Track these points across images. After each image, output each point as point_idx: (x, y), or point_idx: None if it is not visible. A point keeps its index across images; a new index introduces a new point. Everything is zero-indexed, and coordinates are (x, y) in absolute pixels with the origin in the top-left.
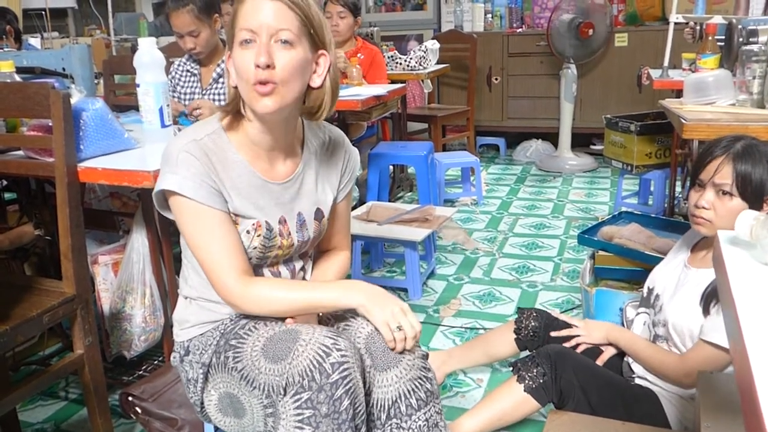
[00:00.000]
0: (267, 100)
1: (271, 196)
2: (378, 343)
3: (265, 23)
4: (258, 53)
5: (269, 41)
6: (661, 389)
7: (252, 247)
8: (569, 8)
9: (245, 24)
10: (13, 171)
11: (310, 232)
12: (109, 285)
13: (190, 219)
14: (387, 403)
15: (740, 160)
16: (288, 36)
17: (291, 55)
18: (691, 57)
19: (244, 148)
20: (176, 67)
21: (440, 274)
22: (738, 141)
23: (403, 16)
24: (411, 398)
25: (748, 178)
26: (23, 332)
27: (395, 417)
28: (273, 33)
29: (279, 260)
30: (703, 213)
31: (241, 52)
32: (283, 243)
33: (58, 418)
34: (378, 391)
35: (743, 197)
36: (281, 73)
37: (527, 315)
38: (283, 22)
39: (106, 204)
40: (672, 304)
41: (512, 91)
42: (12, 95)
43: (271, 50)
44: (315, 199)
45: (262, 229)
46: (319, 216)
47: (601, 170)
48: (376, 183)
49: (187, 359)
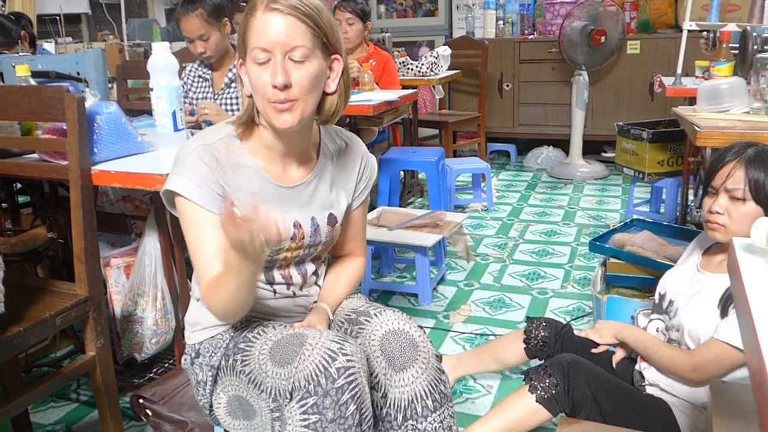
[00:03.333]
0: (287, 116)
1: (282, 200)
2: (393, 343)
3: (279, 42)
4: (274, 72)
5: (284, 59)
6: (673, 398)
7: None
8: (581, 15)
9: (258, 43)
10: (28, 174)
11: (322, 237)
12: (121, 288)
13: (189, 219)
14: (403, 403)
15: (752, 164)
16: (303, 52)
17: (307, 70)
18: (705, 65)
19: (257, 153)
20: (188, 73)
21: (450, 280)
22: (750, 147)
23: (414, 23)
24: (427, 399)
25: (760, 183)
26: (36, 334)
27: (411, 418)
28: (287, 50)
29: (289, 263)
30: (717, 218)
31: (257, 70)
32: (292, 245)
33: (70, 419)
34: (395, 392)
35: (756, 201)
36: (299, 90)
37: (536, 325)
38: (296, 38)
39: (119, 207)
40: (688, 310)
41: (523, 98)
42: (27, 99)
43: (287, 68)
44: (328, 204)
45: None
46: (332, 221)
47: (613, 178)
48: (386, 188)
49: (197, 362)
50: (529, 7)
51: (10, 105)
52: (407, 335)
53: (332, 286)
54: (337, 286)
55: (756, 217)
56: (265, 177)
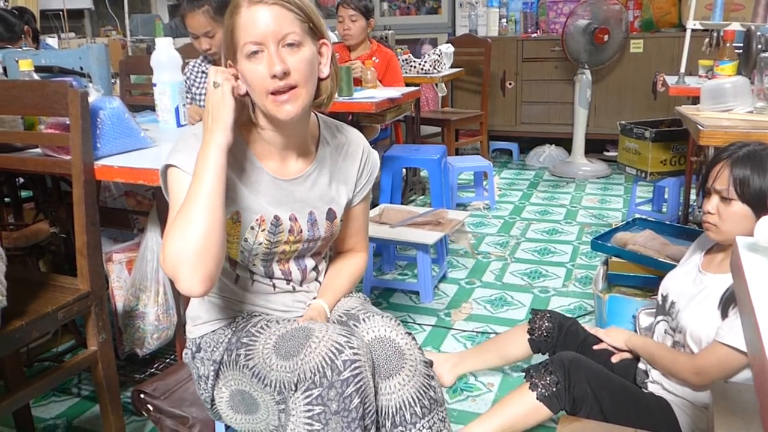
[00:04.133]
0: (288, 107)
1: (280, 192)
2: (379, 351)
3: (270, 31)
4: (271, 62)
5: (278, 48)
6: (674, 397)
7: (257, 243)
8: (585, 14)
9: (248, 37)
10: (31, 168)
11: (321, 232)
12: (122, 283)
13: (180, 190)
14: (391, 410)
15: (738, 164)
16: (294, 38)
17: (303, 55)
18: (709, 64)
19: (254, 146)
20: (191, 68)
21: (452, 278)
22: (744, 147)
23: (417, 20)
24: (415, 406)
25: (745, 182)
26: (38, 328)
27: (400, 425)
28: (280, 39)
29: (288, 257)
30: (709, 218)
31: (251, 66)
32: (290, 238)
33: (71, 414)
34: (382, 399)
35: (742, 200)
36: (298, 75)
37: (541, 316)
38: (286, 26)
39: (121, 202)
40: (688, 311)
41: (526, 96)
42: (31, 93)
43: (282, 56)
44: (328, 198)
45: (266, 224)
46: (331, 216)
47: (615, 177)
48: (388, 185)
49: (199, 356)
50: (533, 5)
51: (13, 99)
52: (393, 343)
53: (332, 282)
54: (337, 282)
55: (744, 216)
56: (262, 169)
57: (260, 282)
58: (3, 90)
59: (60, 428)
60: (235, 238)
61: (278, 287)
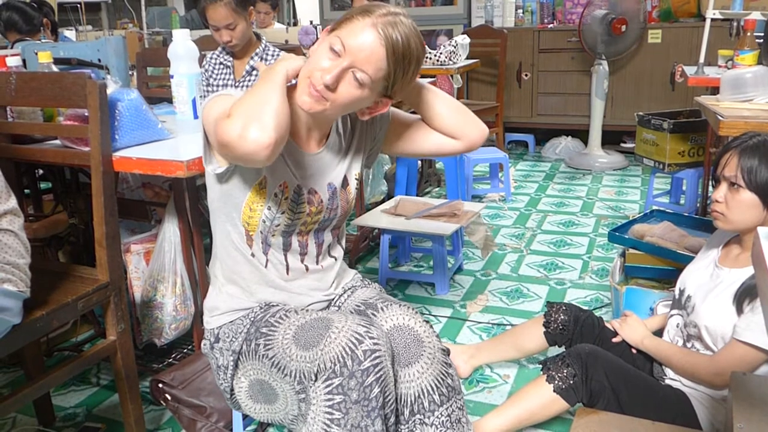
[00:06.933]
0: (308, 98)
1: (302, 164)
2: (398, 339)
3: (356, 53)
4: (330, 71)
5: (347, 69)
6: (692, 390)
7: (281, 212)
8: (602, 4)
9: (345, 39)
10: (50, 159)
11: (338, 200)
12: (140, 273)
13: (229, 101)
14: (410, 398)
15: (746, 152)
16: (363, 78)
17: (355, 93)
18: (728, 54)
19: None
20: (209, 60)
21: (468, 270)
22: (756, 136)
23: (433, 11)
24: (434, 394)
25: (753, 170)
26: (58, 317)
27: (419, 413)
28: (354, 66)
29: (309, 230)
30: (716, 207)
31: (324, 52)
32: (312, 210)
33: (90, 403)
34: (401, 387)
35: (750, 188)
36: (336, 100)
37: (556, 309)
38: (369, 64)
39: (139, 194)
40: (704, 306)
41: (542, 88)
42: (49, 85)
43: (342, 77)
44: (343, 168)
45: (290, 192)
46: (344, 184)
47: (632, 168)
48: (404, 177)
49: (217, 346)
50: None
51: (32, 91)
52: (412, 331)
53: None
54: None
55: (752, 205)
56: (290, 141)
57: (274, 262)
58: (22, 82)
59: (80, 417)
60: (259, 205)
61: (292, 268)
